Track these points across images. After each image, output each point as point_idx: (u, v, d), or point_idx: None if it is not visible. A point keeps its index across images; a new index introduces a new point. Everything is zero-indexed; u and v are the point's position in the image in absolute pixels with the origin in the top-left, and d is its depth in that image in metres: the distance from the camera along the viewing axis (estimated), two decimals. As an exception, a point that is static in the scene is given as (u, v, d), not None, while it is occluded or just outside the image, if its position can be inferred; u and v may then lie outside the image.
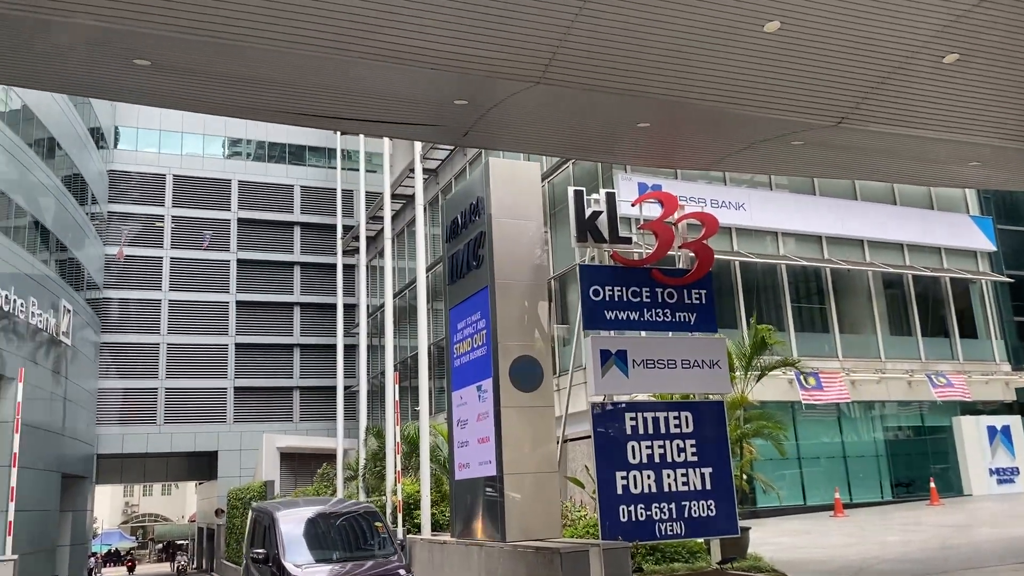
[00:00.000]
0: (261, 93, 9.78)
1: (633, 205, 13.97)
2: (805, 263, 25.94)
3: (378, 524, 11.70)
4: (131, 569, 55.46)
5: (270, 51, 8.15)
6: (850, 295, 27.33)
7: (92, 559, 47.09)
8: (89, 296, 41.11)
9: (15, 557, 14.04)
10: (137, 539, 76.06)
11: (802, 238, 26.74)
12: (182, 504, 76.36)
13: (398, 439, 19.20)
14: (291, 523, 11.17)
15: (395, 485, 18.44)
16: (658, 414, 11.83)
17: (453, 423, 14.04)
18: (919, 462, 27.20)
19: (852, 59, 9.05)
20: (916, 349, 27.68)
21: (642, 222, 13.47)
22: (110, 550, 64.80)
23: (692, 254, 12.47)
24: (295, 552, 10.49)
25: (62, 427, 35.16)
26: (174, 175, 47.20)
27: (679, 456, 11.72)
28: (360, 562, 10.58)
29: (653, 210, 13.37)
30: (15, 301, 28.99)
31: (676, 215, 12.59)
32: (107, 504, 74.67)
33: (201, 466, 48.77)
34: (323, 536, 11.31)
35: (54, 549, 35.13)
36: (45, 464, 31.98)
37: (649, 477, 11.49)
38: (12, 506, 15.32)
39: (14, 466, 16.08)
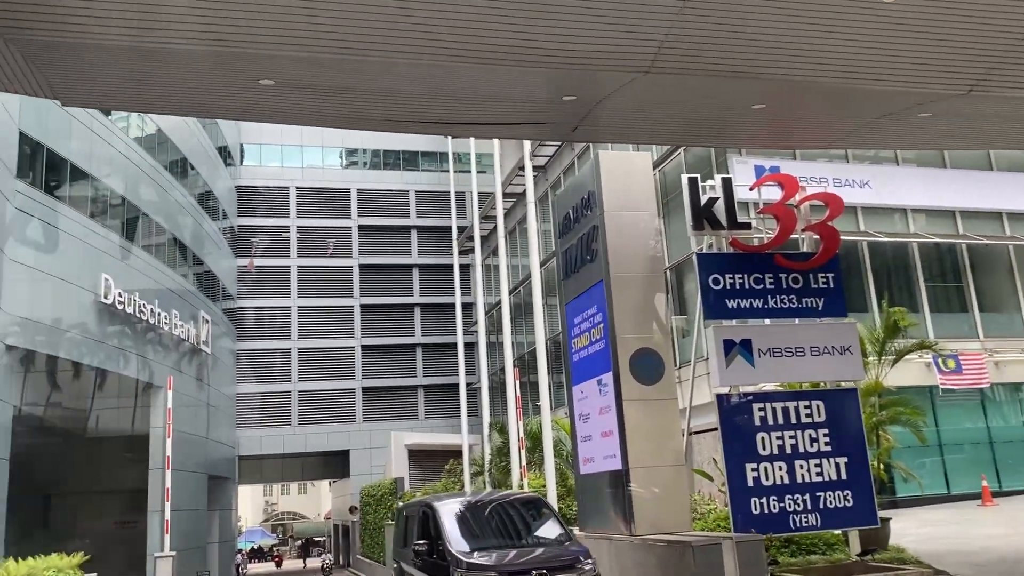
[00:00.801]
0: (376, 104, 10.09)
1: (751, 189, 13.63)
2: (938, 240, 24.58)
3: (545, 511, 11.38)
4: (279, 564, 58.21)
5: (386, 63, 8.40)
6: (989, 271, 25.69)
7: (239, 555, 49.76)
8: (225, 306, 43.47)
9: (174, 553, 15.03)
10: (278, 536, 79.84)
11: (933, 214, 25.33)
12: (318, 502, 79.62)
13: (521, 435, 19.40)
14: (452, 513, 10.89)
15: (521, 480, 18.65)
16: (788, 404, 11.52)
17: (575, 417, 14.08)
18: (1076, 446, 25.31)
19: (981, 23, 8.52)
20: (1067, 325, 25.76)
21: (761, 206, 13.12)
22: (254, 547, 68.26)
23: (816, 236, 12.06)
24: (460, 540, 10.15)
25: (206, 431, 37.34)
26: (297, 187, 49.27)
27: (812, 446, 11.37)
28: (531, 548, 10.23)
29: (772, 193, 13.00)
30: (159, 314, 30.97)
31: (797, 197, 12.20)
32: (249, 503, 78.66)
33: (334, 464, 50.73)
34: (487, 524, 11.02)
35: (205, 546, 37.38)
36: (193, 466, 34.05)
37: (781, 468, 11.20)
38: (168, 506, 16.42)
39: (168, 468, 17.22)
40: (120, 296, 27.63)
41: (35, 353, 24.12)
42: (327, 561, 39.10)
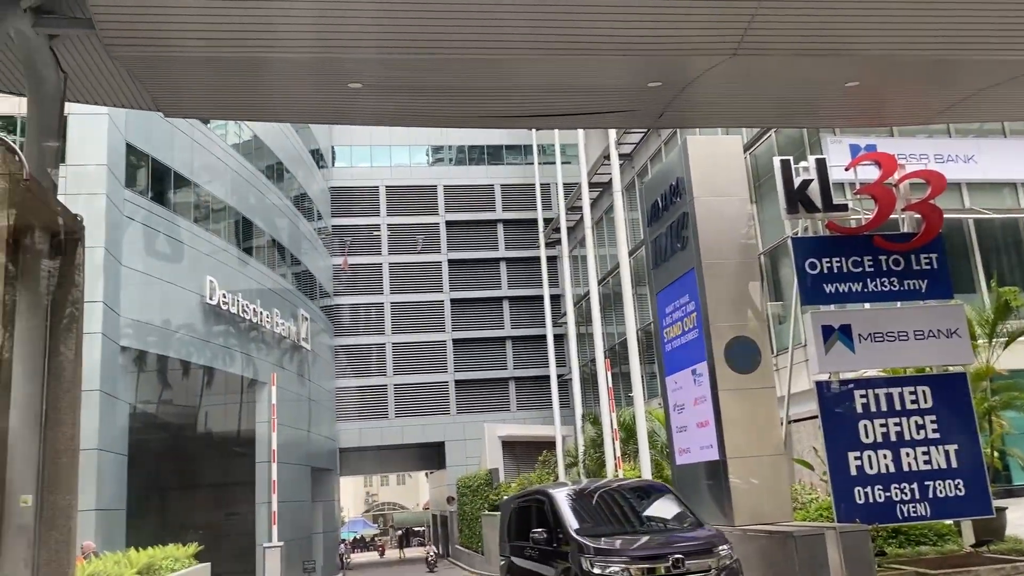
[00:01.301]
0: (461, 102, 10.21)
1: (847, 169, 13.19)
2: (1052, 214, 23.24)
3: (669, 497, 10.71)
4: (382, 553, 59.72)
5: (473, 60, 8.50)
6: (1111, 245, 24.15)
7: (342, 545, 51.28)
8: (322, 304, 44.78)
9: (281, 543, 15.60)
10: (378, 526, 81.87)
11: (1047, 186, 23.95)
12: (416, 492, 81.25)
13: (615, 426, 19.34)
14: (572, 500, 10.26)
15: (616, 471, 18.61)
16: (891, 390, 11.15)
17: (669, 408, 13.95)
18: None
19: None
20: None
21: (858, 186, 12.69)
22: (356, 537, 70.18)
23: (918, 216, 11.61)
24: (583, 526, 9.50)
25: (308, 425, 38.58)
26: (386, 186, 50.30)
27: (918, 433, 10.97)
28: (661, 533, 9.57)
29: (869, 173, 12.55)
30: (261, 313, 32.16)
31: (896, 175, 11.76)
32: (350, 494, 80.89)
33: (430, 456, 51.67)
34: (610, 510, 10.43)
35: (310, 536, 38.67)
36: (297, 459, 35.25)
37: (886, 457, 10.85)
38: (275, 498, 17.04)
39: (274, 462, 17.88)
40: (224, 297, 28.82)
41: (147, 353, 25.43)
42: (432, 553, 39.35)
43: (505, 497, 15.68)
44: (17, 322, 7.56)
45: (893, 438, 10.96)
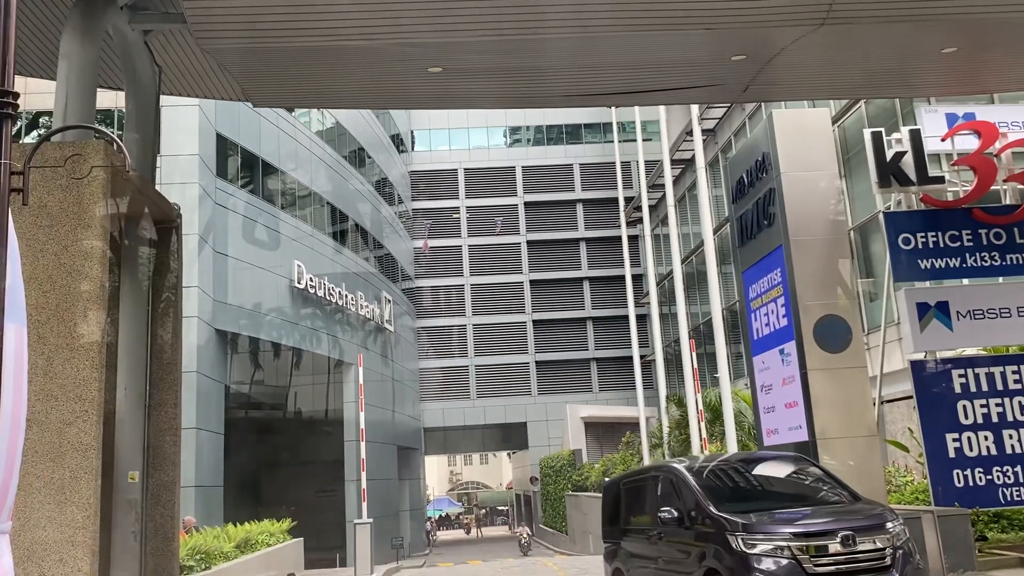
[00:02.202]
0: (539, 81, 10.19)
1: (943, 140, 12.62)
2: None
3: (814, 469, 9.41)
4: (468, 531, 60.65)
5: (550, 39, 8.46)
6: None
7: (428, 523, 52.29)
8: (404, 286, 45.53)
9: (371, 520, 16.03)
10: (463, 505, 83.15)
11: None
12: (499, 472, 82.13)
13: (700, 407, 19.11)
14: (706, 475, 9.04)
15: (702, 453, 18.40)
16: (992, 369, 10.69)
17: (756, 388, 13.70)
18: None
19: None
20: None
21: (955, 157, 12.14)
22: (442, 515, 71.47)
23: (1021, 187, 11.04)
24: (727, 503, 8.22)
25: (393, 404, 39.40)
26: (464, 169, 50.63)
27: (1022, 415, 10.49)
28: (818, 508, 8.33)
29: (968, 143, 11.99)
30: (346, 296, 32.92)
31: (997, 145, 11.21)
32: (435, 473, 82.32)
33: (512, 436, 52.09)
34: (752, 486, 9.24)
35: (397, 513, 39.58)
36: (383, 438, 36.07)
37: (987, 438, 10.43)
38: (364, 475, 17.51)
39: (362, 440, 18.36)
40: (311, 280, 29.59)
41: (239, 336, 26.35)
42: (526, 535, 38.46)
43: (607, 479, 14.64)
44: (121, 306, 7.95)
45: (995, 419, 10.52)
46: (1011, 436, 10.44)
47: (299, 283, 28.79)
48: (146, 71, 8.47)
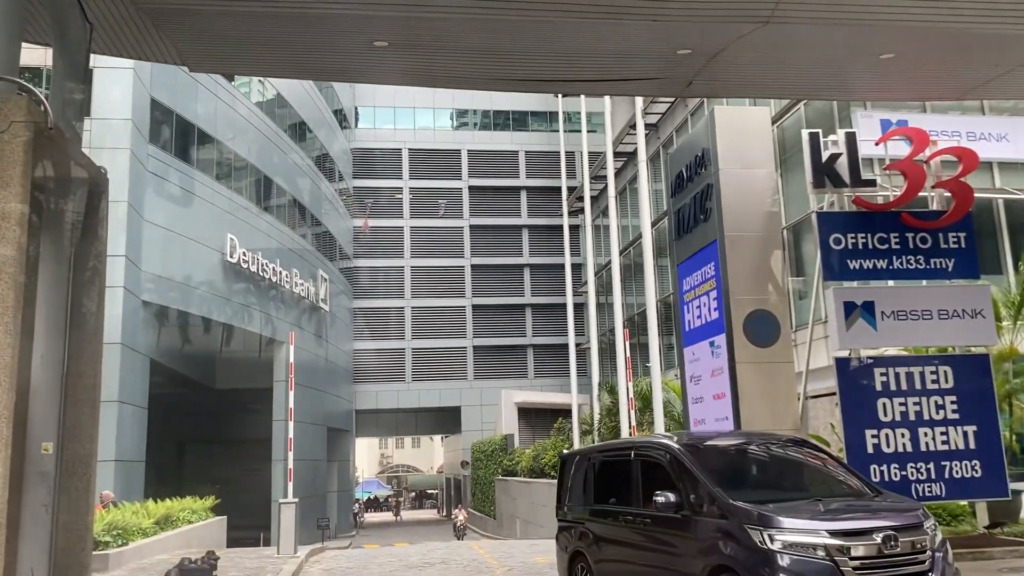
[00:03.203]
0: (489, 64, 10.10)
1: (877, 144, 12.97)
2: (1086, 197, 22.78)
3: (821, 455, 8.45)
4: (397, 513, 60.49)
5: (502, 20, 8.38)
6: None
7: (356, 504, 51.98)
8: (342, 265, 44.96)
9: (296, 500, 15.83)
10: (392, 488, 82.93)
11: (1081, 168, 23.45)
12: (430, 456, 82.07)
13: (631, 395, 19.36)
14: (707, 456, 7.88)
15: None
16: (912, 369, 11.05)
17: (686, 379, 13.92)
18: None
19: None
20: None
21: (888, 162, 12.47)
22: (370, 497, 71.13)
23: (948, 194, 11.41)
24: (741, 492, 7.21)
25: (325, 385, 38.94)
26: (409, 149, 50.15)
27: (937, 413, 10.89)
28: (846, 501, 7.39)
29: (899, 148, 12.33)
30: (281, 272, 32.35)
31: (927, 152, 11.55)
32: (365, 455, 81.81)
33: (446, 420, 52.08)
34: (763, 472, 8.35)
35: (325, 495, 39.23)
36: (313, 419, 35.65)
37: (903, 436, 10.79)
38: (291, 455, 17.26)
39: (291, 420, 18.09)
40: (244, 255, 28.98)
41: (168, 309, 25.67)
42: (461, 519, 37.44)
43: (563, 451, 13.11)
44: (41, 272, 7.61)
45: (912, 417, 10.88)
46: (926, 434, 10.81)
47: (232, 257, 28.17)
48: (76, 27, 8.11)
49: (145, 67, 23.49)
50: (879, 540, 6.39)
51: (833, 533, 6.38)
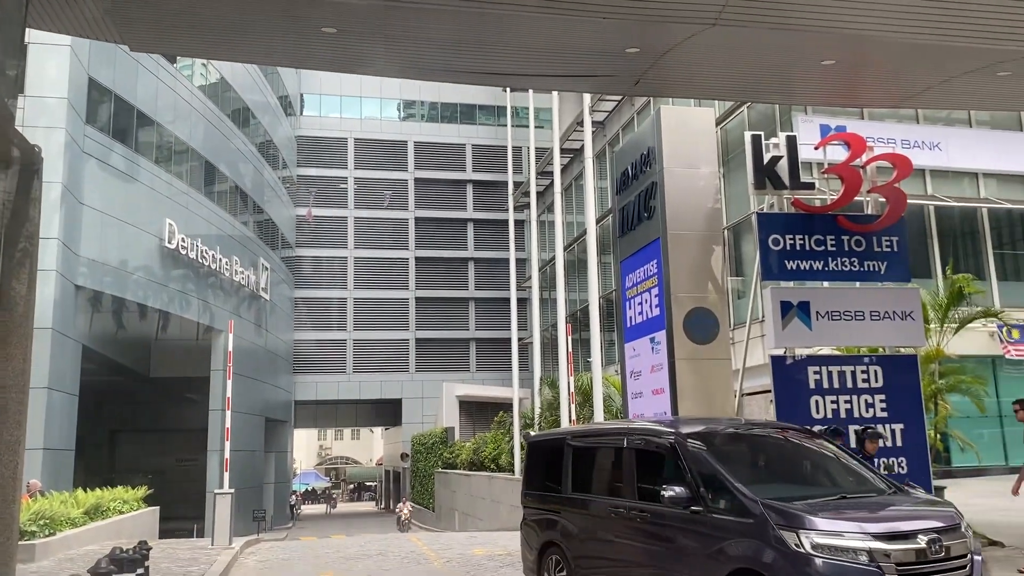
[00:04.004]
0: (437, 54, 10.06)
1: (816, 148, 13.28)
2: (1010, 206, 23.71)
3: (833, 447, 7.81)
4: (333, 506, 59.93)
5: (447, 11, 8.35)
6: (1064, 240, 24.78)
7: (293, 496, 51.38)
8: (283, 254, 44.31)
9: (232, 491, 15.58)
10: (330, 480, 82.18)
11: (1005, 179, 24.41)
12: (370, 448, 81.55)
13: (572, 390, 19.51)
14: (720, 447, 7.15)
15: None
16: (844, 368, 11.34)
17: (626, 374, 14.08)
18: None
19: (1073, -25, 8.11)
20: None
21: (826, 166, 12.80)
22: (307, 489, 70.40)
23: (882, 199, 11.73)
24: (764, 487, 6.57)
25: (264, 375, 38.37)
26: (355, 138, 49.61)
27: (867, 411, 11.21)
28: (875, 499, 6.75)
29: (838, 153, 12.67)
30: (220, 260, 31.73)
31: (864, 157, 11.85)
32: (304, 447, 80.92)
33: (386, 412, 51.78)
34: (778, 465, 7.63)
35: (261, 486, 38.68)
36: (251, 409, 35.10)
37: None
38: (228, 445, 16.98)
39: (228, 409, 17.79)
40: (183, 241, 28.35)
41: (102, 294, 24.98)
42: (406, 512, 35.54)
43: (530, 433, 12.40)
44: (-33, 252, 7.36)
45: (843, 415, 11.18)
46: (856, 431, 11.13)
47: (170, 243, 27.54)
48: (11, -1, 7.83)
49: (83, 44, 22.79)
50: (924, 543, 5.87)
51: (876, 536, 5.82)
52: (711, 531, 6.43)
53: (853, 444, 10.15)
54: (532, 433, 11.80)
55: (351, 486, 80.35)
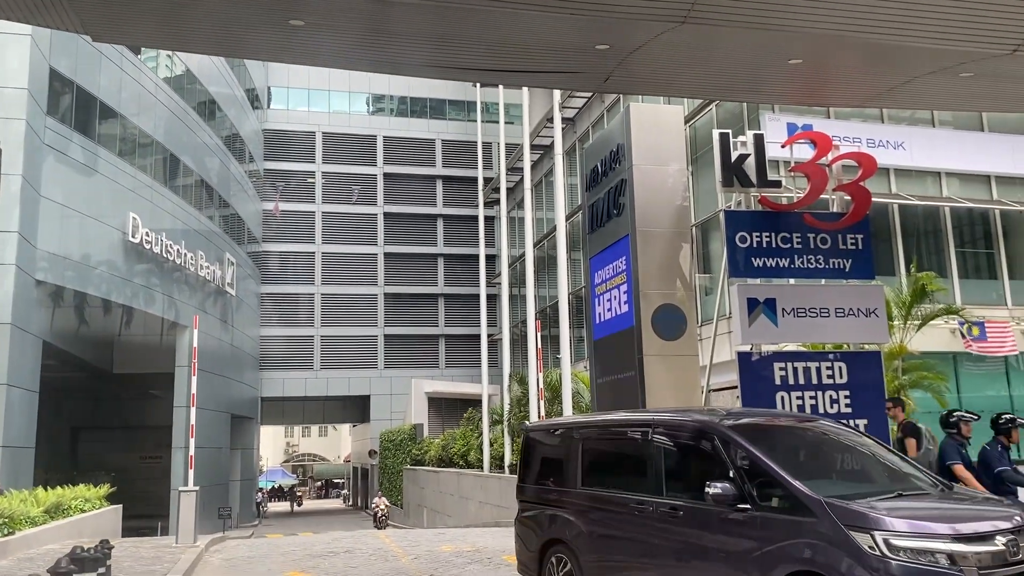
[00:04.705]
0: (405, 48, 9.98)
1: (783, 147, 13.39)
2: (971, 205, 24.16)
3: (870, 440, 7.43)
4: (299, 503, 59.46)
5: (415, 5, 8.29)
6: (1022, 238, 25.29)
7: (259, 493, 50.91)
8: (250, 249, 43.83)
9: (197, 488, 15.40)
10: (298, 477, 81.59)
11: (968, 178, 24.86)
12: (338, 445, 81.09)
13: (541, 386, 19.54)
14: (760, 441, 6.55)
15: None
16: (809, 364, 11.44)
17: (594, 370, 14.13)
18: (1100, 418, 25.14)
19: (1034, -22, 8.25)
20: (1098, 296, 25.40)
21: (792, 164, 12.91)
22: (274, 486, 69.81)
23: (847, 197, 11.86)
24: (811, 481, 6.07)
25: (230, 371, 37.95)
26: (323, 132, 49.20)
27: (832, 407, 11.33)
28: (937, 496, 6.35)
29: (804, 151, 12.78)
30: (186, 255, 31.30)
31: (830, 156, 11.97)
32: (271, 444, 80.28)
33: (354, 409, 51.50)
34: (826, 460, 7.08)
35: (227, 483, 38.28)
36: (216, 405, 34.71)
37: (800, 427, 11.18)
38: (192, 442, 16.77)
39: (193, 406, 17.56)
40: (147, 235, 27.93)
41: (64, 289, 24.53)
42: (383, 507, 34.11)
43: (526, 423, 12.04)
44: (-78, 245, 7.16)
45: (808, 410, 11.29)
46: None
47: (133, 237, 27.10)
48: (-33, -14, 7.64)
49: (44, 34, 22.32)
50: (1003, 544, 5.48)
51: (957, 537, 5.42)
52: (761, 531, 5.96)
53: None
54: (529, 423, 11.37)
55: (319, 483, 79.84)
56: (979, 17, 8.91)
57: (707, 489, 6.16)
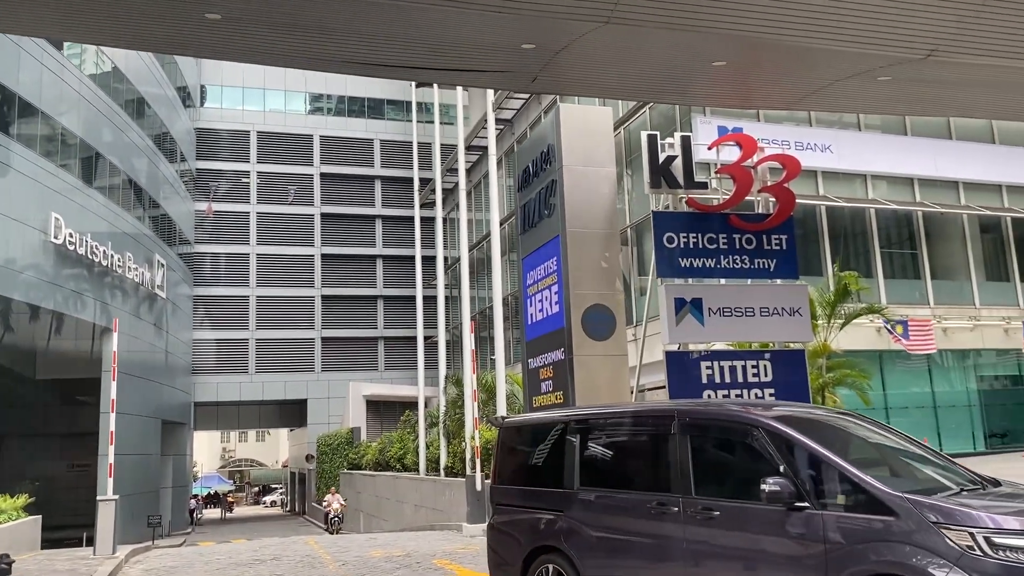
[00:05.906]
0: (330, 43, 9.79)
1: (710, 148, 13.56)
2: (896, 207, 24.86)
3: (894, 435, 6.89)
4: (230, 510, 58.18)
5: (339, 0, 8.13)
6: (943, 240, 26.13)
7: (193, 500, 49.68)
8: (181, 251, 42.72)
9: (116, 497, 14.89)
10: (234, 483, 79.90)
11: (893, 180, 25.59)
12: (275, 450, 79.68)
13: (475, 387, 19.44)
14: (820, 435, 6.11)
15: (473, 432, 18.73)
16: (735, 363, 11.60)
17: (528, 372, 14.09)
18: (1017, 412, 26.08)
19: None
20: (1014, 295, 26.35)
21: (719, 166, 13.08)
22: (209, 493, 68.27)
23: (772, 198, 12.05)
24: (884, 478, 5.71)
25: (161, 376, 36.92)
26: (258, 131, 48.25)
27: (756, 405, 11.49)
28: (987, 490, 6.01)
29: (731, 154, 12.94)
30: (113, 256, 30.32)
31: (755, 158, 12.15)
32: (205, 450, 78.45)
33: (292, 414, 50.60)
34: (879, 456, 6.60)
35: (157, 491, 37.20)
36: (146, 411, 33.72)
37: (725, 426, 11.29)
38: (112, 449, 16.22)
39: (112, 412, 16.99)
40: (71, 237, 26.97)
41: (-19, 292, 23.53)
42: (335, 507, 32.50)
43: (503, 416, 11.78)
44: None
45: (734, 409, 11.44)
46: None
47: (56, 238, 26.13)
48: None
49: (-44, 26, 21.39)
50: None
51: None
52: (825, 531, 5.48)
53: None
54: (505, 417, 10.55)
55: (255, 489, 78.37)
56: (894, 22, 9.11)
57: (763, 487, 5.62)
